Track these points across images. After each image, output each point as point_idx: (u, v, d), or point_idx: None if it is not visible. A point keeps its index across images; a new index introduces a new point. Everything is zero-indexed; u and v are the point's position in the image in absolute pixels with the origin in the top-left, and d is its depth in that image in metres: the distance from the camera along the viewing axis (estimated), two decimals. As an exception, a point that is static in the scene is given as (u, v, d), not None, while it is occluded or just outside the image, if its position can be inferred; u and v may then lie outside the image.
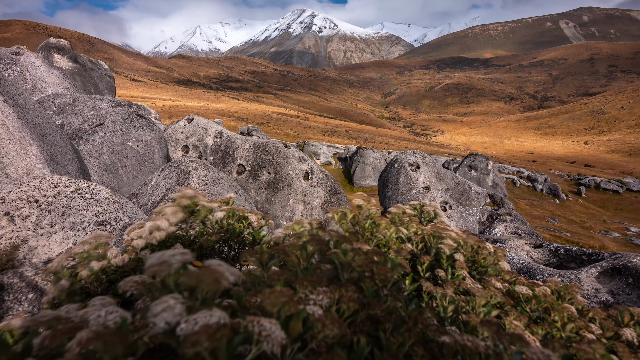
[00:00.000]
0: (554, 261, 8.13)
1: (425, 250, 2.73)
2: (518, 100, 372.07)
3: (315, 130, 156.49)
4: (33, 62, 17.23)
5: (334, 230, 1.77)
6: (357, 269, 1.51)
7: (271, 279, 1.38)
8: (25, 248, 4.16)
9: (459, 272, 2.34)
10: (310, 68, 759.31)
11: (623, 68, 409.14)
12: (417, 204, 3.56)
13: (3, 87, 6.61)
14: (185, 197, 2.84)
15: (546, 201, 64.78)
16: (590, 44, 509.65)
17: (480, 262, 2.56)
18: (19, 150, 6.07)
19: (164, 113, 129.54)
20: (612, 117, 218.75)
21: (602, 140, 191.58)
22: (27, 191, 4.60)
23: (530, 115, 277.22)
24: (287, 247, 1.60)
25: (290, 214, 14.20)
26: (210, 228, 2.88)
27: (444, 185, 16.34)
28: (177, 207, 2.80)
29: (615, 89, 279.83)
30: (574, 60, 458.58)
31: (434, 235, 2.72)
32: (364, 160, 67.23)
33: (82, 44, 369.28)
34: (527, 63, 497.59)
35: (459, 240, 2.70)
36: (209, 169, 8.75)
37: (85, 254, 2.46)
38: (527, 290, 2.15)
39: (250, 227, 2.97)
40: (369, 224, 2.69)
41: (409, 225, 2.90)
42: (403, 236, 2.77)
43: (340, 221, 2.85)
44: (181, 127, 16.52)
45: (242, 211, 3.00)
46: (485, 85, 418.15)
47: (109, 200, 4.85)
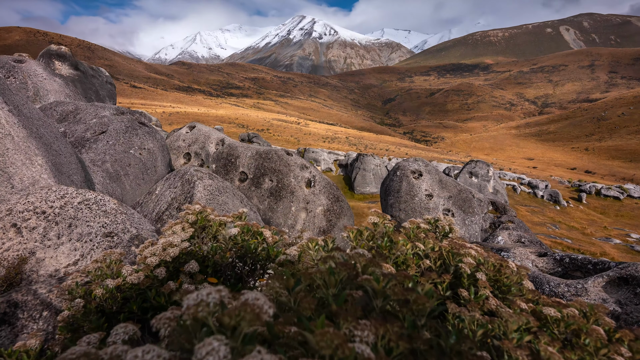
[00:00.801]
0: (559, 270, 8.09)
1: (444, 268, 2.70)
2: (518, 107, 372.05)
3: (315, 137, 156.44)
4: (35, 69, 17.23)
5: (359, 253, 1.75)
6: (391, 297, 1.47)
7: (302, 308, 1.35)
8: (32, 260, 4.13)
9: (482, 291, 2.31)
10: (310, 74, 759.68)
11: (623, 74, 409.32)
12: (431, 218, 3.53)
13: (8, 97, 6.59)
14: (194, 213, 2.82)
15: (547, 208, 64.77)
16: (591, 50, 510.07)
17: (503, 281, 2.53)
18: (24, 161, 6.05)
19: (164, 120, 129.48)
20: (612, 123, 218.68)
21: (603, 146, 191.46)
22: (34, 202, 4.58)
23: (530, 121, 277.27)
24: (315, 272, 1.57)
25: (292, 222, 14.17)
26: (223, 243, 2.86)
27: (446, 193, 16.30)
28: (187, 223, 2.78)
29: (616, 95, 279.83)
30: (575, 67, 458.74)
31: (452, 252, 2.68)
32: (364, 166, 67.24)
33: (83, 50, 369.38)
34: (528, 69, 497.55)
35: (479, 258, 2.66)
36: (214, 178, 8.72)
37: (99, 271, 2.44)
38: (555, 313, 2.11)
39: (264, 242, 2.94)
40: (385, 242, 2.66)
41: (426, 241, 2.87)
42: (420, 253, 2.74)
43: (356, 239, 2.82)
44: (183, 135, 16.49)
45: (256, 227, 2.97)
46: (485, 91, 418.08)
47: (115, 212, 4.82)
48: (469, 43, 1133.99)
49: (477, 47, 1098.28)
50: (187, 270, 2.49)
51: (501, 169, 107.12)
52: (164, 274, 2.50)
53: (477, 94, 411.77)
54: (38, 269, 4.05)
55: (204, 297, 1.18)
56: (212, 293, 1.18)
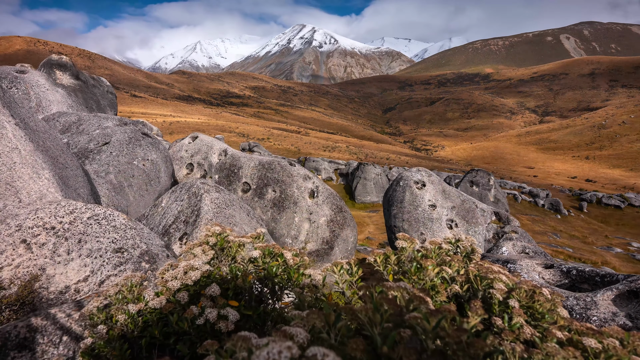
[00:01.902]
0: (565, 282, 8.05)
1: (472, 292, 2.66)
2: (519, 115, 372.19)
3: (316, 146, 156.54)
4: (37, 80, 17.24)
5: (401, 287, 1.71)
6: (445, 339, 1.43)
7: (350, 349, 1.30)
8: (42, 276, 4.10)
9: (516, 319, 2.27)
10: (310, 83, 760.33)
11: (624, 82, 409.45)
12: (452, 237, 3.49)
13: (14, 110, 6.58)
14: (214, 234, 2.79)
15: (548, 216, 64.81)
16: (591, 58, 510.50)
17: (536, 308, 2.49)
18: (31, 174, 6.02)
19: (164, 129, 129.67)
20: (613, 132, 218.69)
21: (604, 155, 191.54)
22: (44, 218, 4.55)
23: (531, 130, 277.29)
24: (358, 309, 1.52)
25: (295, 232, 14.14)
26: (242, 264, 2.83)
27: (449, 203, 16.27)
28: (207, 245, 2.75)
29: (617, 104, 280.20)
30: (575, 75, 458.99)
31: (480, 276, 2.65)
32: (365, 175, 67.34)
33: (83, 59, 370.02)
34: (528, 78, 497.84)
35: (510, 284, 2.62)
36: (221, 191, 8.70)
37: (120, 295, 2.41)
38: (596, 344, 2.07)
39: (285, 264, 2.90)
40: (414, 267, 2.62)
41: (452, 264, 2.82)
42: (446, 276, 2.70)
43: (383, 264, 2.78)
44: (185, 145, 16.47)
45: (278, 249, 2.93)
46: (486, 100, 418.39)
47: (125, 227, 4.79)
48: (469, 52, 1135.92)
49: (477, 55, 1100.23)
50: (208, 293, 2.46)
51: (502, 178, 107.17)
52: (186, 299, 2.46)
53: (477, 103, 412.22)
54: (48, 286, 4.01)
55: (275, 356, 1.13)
56: (283, 352, 1.14)
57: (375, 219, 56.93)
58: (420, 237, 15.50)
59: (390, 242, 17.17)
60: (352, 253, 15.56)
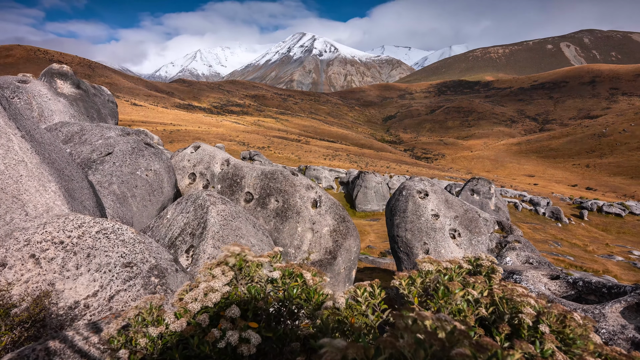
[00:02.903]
0: (571, 293, 8.02)
1: (498, 315, 2.63)
2: (519, 123, 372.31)
3: (316, 154, 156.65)
4: (39, 90, 17.24)
5: (441, 318, 1.68)
6: None
7: None
8: (52, 292, 4.07)
9: (547, 345, 2.24)
10: (311, 92, 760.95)
11: (624, 90, 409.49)
12: (471, 257, 3.45)
13: (20, 122, 6.56)
14: (233, 255, 2.76)
15: (548, 225, 64.78)
16: (592, 66, 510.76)
17: (567, 334, 2.45)
18: (37, 187, 6.00)
19: (165, 137, 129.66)
20: (613, 140, 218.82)
21: (604, 163, 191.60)
22: (52, 232, 4.52)
23: (531, 138, 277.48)
24: (403, 345, 1.49)
25: (298, 242, 14.11)
26: (259, 284, 2.80)
27: (452, 213, 16.25)
28: (227, 266, 2.72)
29: (617, 112, 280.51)
30: (575, 83, 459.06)
31: (506, 299, 2.61)
32: (366, 184, 67.39)
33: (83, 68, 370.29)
34: (528, 86, 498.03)
35: (538, 307, 2.59)
36: (227, 202, 8.68)
37: (140, 317, 2.38)
38: None
39: (304, 284, 2.86)
40: (442, 291, 2.59)
41: (476, 285, 2.79)
42: (470, 298, 2.67)
43: (408, 286, 2.75)
44: (188, 155, 16.46)
45: (298, 269, 2.90)
46: (486, 108, 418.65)
47: (134, 241, 4.76)
48: (469, 60, 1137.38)
49: (477, 63, 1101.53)
50: (228, 315, 2.43)
51: (502, 186, 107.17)
52: (207, 321, 2.43)
53: (477, 111, 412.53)
54: (57, 301, 3.98)
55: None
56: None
57: (376, 228, 56.88)
58: (423, 247, 15.49)
59: (393, 252, 17.11)
60: (355, 263, 15.53)
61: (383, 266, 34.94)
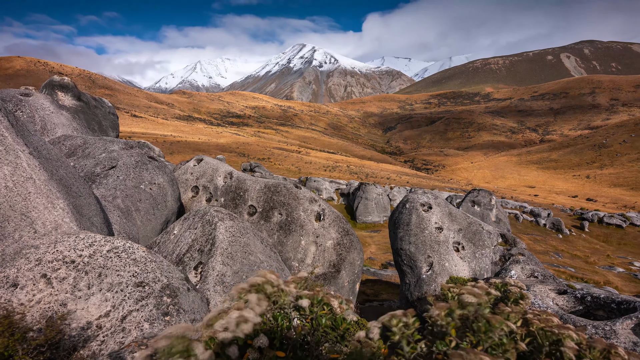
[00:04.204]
0: (580, 308, 7.98)
1: (536, 347, 2.59)
2: (519, 134, 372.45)
3: (316, 166, 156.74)
4: (42, 103, 17.25)
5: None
6: None
7: None
8: (65, 313, 4.04)
9: None
10: (311, 103, 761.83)
11: (624, 101, 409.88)
12: (499, 282, 3.42)
13: (27, 138, 6.55)
14: (269, 283, 2.72)
15: (549, 236, 64.83)
16: (592, 77, 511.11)
17: None
18: (46, 204, 5.98)
19: (165, 149, 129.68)
20: (613, 150, 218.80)
21: (604, 174, 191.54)
22: (63, 251, 4.49)
23: (531, 149, 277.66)
24: None
25: (302, 256, 14.09)
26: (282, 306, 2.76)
27: (456, 226, 16.23)
28: (262, 294, 2.68)
29: (617, 123, 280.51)
30: (575, 94, 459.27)
31: (544, 331, 2.58)
32: (366, 195, 67.46)
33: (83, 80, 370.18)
34: (528, 97, 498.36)
35: (580, 340, 2.55)
36: (234, 219, 8.65)
37: (167, 349, 2.34)
38: None
39: (331, 312, 2.83)
40: (484, 325, 2.55)
41: (510, 315, 2.75)
42: (505, 329, 2.62)
43: (446, 318, 2.72)
44: (191, 168, 16.46)
45: (327, 298, 2.87)
46: (486, 119, 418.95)
47: (145, 260, 4.73)
48: (469, 71, 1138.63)
49: (477, 74, 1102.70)
50: (257, 345, 2.41)
51: (503, 197, 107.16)
52: (237, 353, 2.40)
53: (477, 122, 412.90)
54: (70, 322, 3.95)
55: None
56: None
57: (377, 239, 56.86)
58: (427, 260, 15.45)
59: (397, 265, 17.08)
60: (358, 276, 15.50)
61: (385, 278, 34.90)
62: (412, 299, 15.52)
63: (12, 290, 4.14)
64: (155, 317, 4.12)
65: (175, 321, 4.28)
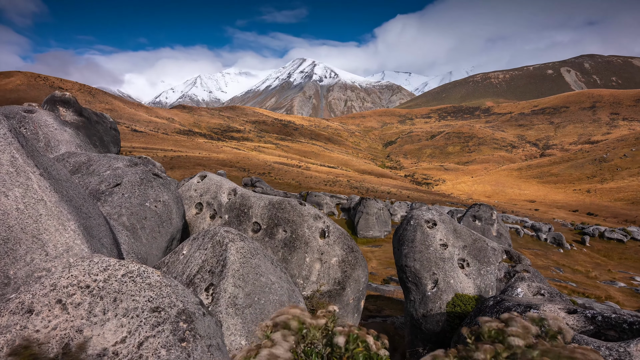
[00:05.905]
0: (590, 328, 7.94)
1: None
2: (520, 149, 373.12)
3: (317, 180, 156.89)
4: (46, 120, 17.28)
5: None
6: None
7: None
8: (81, 339, 4.00)
9: None
10: (311, 117, 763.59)
11: (625, 115, 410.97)
12: (536, 317, 3.36)
13: (37, 159, 6.54)
14: (295, 318, 2.69)
15: (550, 251, 64.91)
16: (592, 91, 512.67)
17: None
18: (57, 226, 5.96)
19: (165, 164, 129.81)
20: (614, 165, 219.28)
21: (605, 188, 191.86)
22: (78, 276, 4.46)
23: (532, 163, 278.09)
24: None
25: (307, 273, 14.06)
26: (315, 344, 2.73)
27: (461, 242, 16.20)
28: (288, 330, 2.65)
29: (617, 137, 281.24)
30: (576, 108, 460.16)
31: None
32: (367, 210, 67.57)
33: (83, 94, 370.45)
34: (529, 111, 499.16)
35: None
36: (245, 239, 8.62)
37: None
38: None
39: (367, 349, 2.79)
40: None
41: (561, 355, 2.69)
42: None
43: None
44: (194, 185, 16.47)
45: (363, 335, 2.84)
46: (486, 133, 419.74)
47: (160, 284, 4.69)
48: (469, 85, 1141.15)
49: (477, 89, 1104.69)
50: (291, 383, 2.38)
51: (504, 212, 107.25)
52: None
53: (478, 136, 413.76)
54: (86, 349, 3.92)
55: None
56: None
57: (378, 254, 56.83)
58: (432, 277, 15.41)
59: (402, 282, 17.03)
60: (363, 294, 15.46)
61: (387, 294, 34.85)
62: (417, 316, 15.48)
63: (27, 317, 4.11)
64: (172, 344, 4.09)
65: (191, 347, 4.25)
